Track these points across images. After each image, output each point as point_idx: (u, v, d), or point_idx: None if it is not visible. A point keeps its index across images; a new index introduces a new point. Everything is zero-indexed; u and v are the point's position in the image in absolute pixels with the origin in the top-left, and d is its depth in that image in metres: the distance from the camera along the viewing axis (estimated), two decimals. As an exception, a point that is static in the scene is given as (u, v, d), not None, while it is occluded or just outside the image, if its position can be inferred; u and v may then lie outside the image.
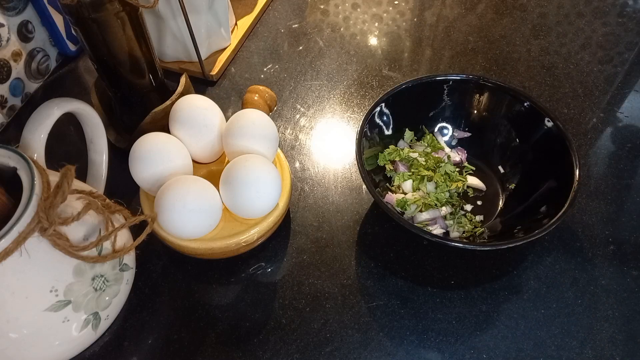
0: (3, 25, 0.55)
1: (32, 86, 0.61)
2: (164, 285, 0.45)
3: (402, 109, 0.50)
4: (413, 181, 0.49)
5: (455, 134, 0.53)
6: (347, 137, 0.56)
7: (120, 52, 0.47)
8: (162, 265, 0.47)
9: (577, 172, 0.43)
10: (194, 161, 0.46)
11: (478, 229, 0.47)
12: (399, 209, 0.48)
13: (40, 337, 0.35)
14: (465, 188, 0.50)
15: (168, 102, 0.50)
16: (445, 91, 0.51)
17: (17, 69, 0.58)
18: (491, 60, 0.63)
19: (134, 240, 0.38)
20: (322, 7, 0.71)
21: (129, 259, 0.41)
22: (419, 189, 0.48)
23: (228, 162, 0.43)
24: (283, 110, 0.58)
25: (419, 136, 0.53)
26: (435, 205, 0.47)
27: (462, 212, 0.48)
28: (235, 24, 0.67)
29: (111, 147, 0.48)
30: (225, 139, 0.44)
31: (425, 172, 0.49)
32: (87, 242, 0.35)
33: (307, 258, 0.46)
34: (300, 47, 0.66)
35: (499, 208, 0.48)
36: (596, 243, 0.47)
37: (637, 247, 0.46)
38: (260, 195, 0.41)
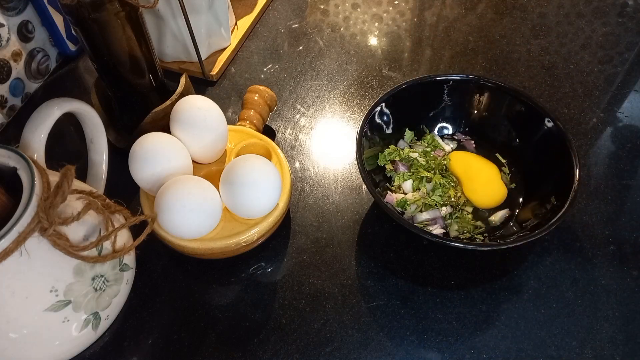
0: (3, 25, 0.55)
1: (32, 86, 0.61)
2: (164, 285, 0.45)
3: (402, 109, 0.50)
4: (413, 181, 0.49)
5: (456, 135, 0.53)
6: (347, 137, 0.56)
7: (120, 52, 0.47)
8: (162, 265, 0.46)
9: (577, 172, 0.43)
10: (194, 161, 0.46)
11: (478, 229, 0.47)
12: (399, 209, 0.48)
13: (40, 337, 0.35)
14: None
15: (168, 102, 0.50)
16: (446, 91, 0.51)
17: (17, 69, 0.58)
18: (491, 60, 0.63)
19: (134, 240, 0.38)
20: (322, 7, 0.71)
21: (129, 259, 0.41)
22: (419, 189, 0.48)
23: (228, 162, 0.43)
24: (283, 110, 0.58)
25: (419, 136, 0.53)
26: (435, 205, 0.47)
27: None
28: (235, 24, 0.67)
29: (111, 147, 0.48)
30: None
31: (425, 173, 0.49)
32: (87, 242, 0.35)
33: (307, 258, 0.46)
34: (300, 47, 0.66)
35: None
36: (596, 243, 0.47)
37: (637, 247, 0.46)
38: (260, 195, 0.41)
